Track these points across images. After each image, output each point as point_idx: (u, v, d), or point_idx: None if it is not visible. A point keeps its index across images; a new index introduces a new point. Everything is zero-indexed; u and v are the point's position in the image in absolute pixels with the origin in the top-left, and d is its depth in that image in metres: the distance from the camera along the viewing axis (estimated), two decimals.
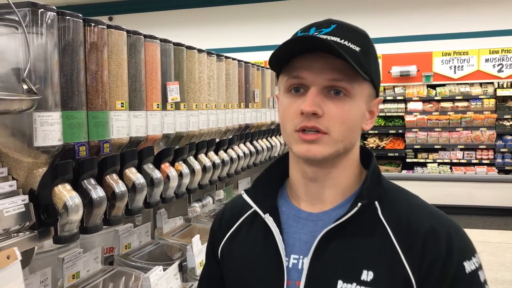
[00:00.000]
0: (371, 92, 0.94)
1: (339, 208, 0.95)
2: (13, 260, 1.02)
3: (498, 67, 7.36)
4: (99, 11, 9.00)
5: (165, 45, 1.69)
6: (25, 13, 1.11)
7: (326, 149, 0.89)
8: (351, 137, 0.92)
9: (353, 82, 0.88)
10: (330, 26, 0.91)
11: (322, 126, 0.88)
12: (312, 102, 0.87)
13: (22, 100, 1.03)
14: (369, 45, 0.93)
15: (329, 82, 0.88)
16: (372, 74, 0.91)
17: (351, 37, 0.90)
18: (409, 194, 0.99)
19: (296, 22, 8.01)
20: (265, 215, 0.97)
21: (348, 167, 0.96)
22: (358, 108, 0.91)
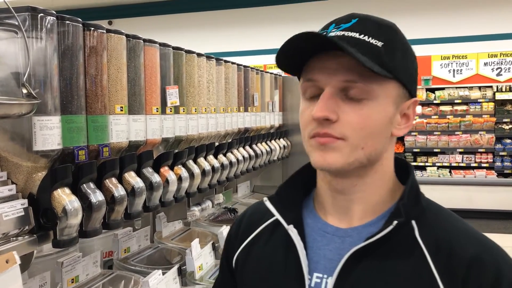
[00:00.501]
0: (400, 92, 0.82)
1: (370, 225, 0.85)
2: (12, 264, 1.02)
3: (496, 70, 7.38)
4: (98, 15, 9.02)
5: (164, 49, 1.70)
6: (25, 17, 1.11)
7: (343, 157, 0.80)
8: (375, 144, 0.81)
9: (371, 82, 0.78)
10: (350, 20, 0.82)
11: (336, 133, 0.79)
12: (324, 106, 0.78)
13: (22, 105, 1.03)
14: (396, 38, 0.82)
15: (344, 84, 0.79)
16: (398, 71, 0.80)
17: (373, 31, 0.80)
18: (453, 216, 0.88)
19: (296, 26, 8.04)
20: (288, 226, 0.88)
21: (377, 180, 0.86)
22: (382, 111, 0.80)
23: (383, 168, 0.86)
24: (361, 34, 0.80)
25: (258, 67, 3.03)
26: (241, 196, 3.29)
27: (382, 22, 0.83)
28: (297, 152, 3.33)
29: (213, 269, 1.92)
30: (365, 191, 0.86)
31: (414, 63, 0.85)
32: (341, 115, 0.79)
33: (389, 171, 0.88)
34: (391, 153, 0.88)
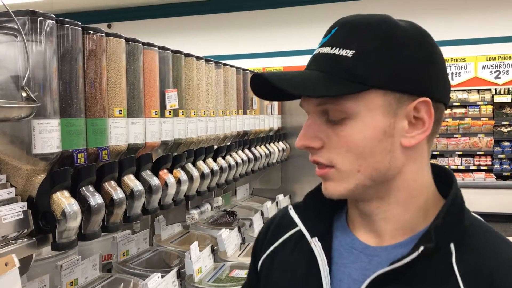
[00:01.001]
0: (391, 99, 0.72)
1: (401, 246, 0.76)
2: (11, 267, 1.02)
3: (495, 73, 7.40)
4: (98, 19, 9.04)
5: (163, 52, 1.70)
6: (24, 21, 1.12)
7: (341, 185, 0.75)
8: (373, 164, 0.73)
9: (342, 100, 0.71)
10: (330, 31, 0.76)
11: (323, 159, 0.75)
12: (303, 135, 0.75)
13: (21, 108, 1.03)
14: (373, 38, 0.72)
15: (319, 108, 0.74)
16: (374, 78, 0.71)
17: (345, 40, 0.73)
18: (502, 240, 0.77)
19: (294, 29, 8.01)
20: (312, 239, 0.82)
21: (403, 198, 0.76)
22: (366, 127, 0.72)
23: (407, 183, 0.76)
24: (333, 47, 0.73)
25: (258, 70, 3.03)
26: (240, 199, 3.30)
27: (361, 22, 0.74)
28: (296, 155, 3.34)
29: (212, 272, 1.92)
30: (391, 210, 0.77)
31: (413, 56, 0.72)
32: (325, 140, 0.74)
33: (417, 186, 0.77)
34: (417, 165, 0.76)
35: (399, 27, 0.73)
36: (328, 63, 0.73)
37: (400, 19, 0.77)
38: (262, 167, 2.78)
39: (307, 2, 8.33)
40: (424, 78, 0.73)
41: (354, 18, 0.76)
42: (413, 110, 0.73)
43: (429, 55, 0.74)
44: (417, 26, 0.76)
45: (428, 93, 0.73)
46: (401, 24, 0.74)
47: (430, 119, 0.73)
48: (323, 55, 0.74)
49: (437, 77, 0.74)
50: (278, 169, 3.39)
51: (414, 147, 0.74)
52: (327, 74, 0.72)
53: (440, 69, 0.75)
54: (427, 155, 0.78)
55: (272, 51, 8.48)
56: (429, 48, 0.74)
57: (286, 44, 8.36)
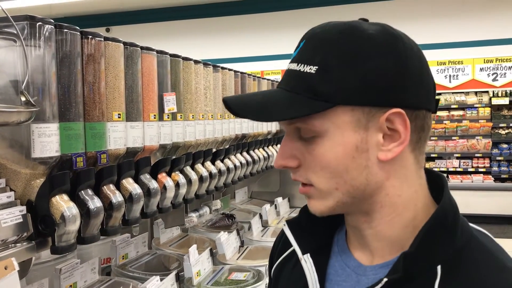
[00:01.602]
0: (359, 113, 0.68)
1: (388, 266, 0.73)
2: (11, 271, 1.03)
3: (492, 76, 7.42)
4: (96, 23, 9.05)
5: (161, 56, 1.71)
6: (23, 26, 1.13)
7: (322, 203, 0.74)
8: (350, 180, 0.70)
9: (308, 119, 0.69)
10: (299, 45, 0.74)
11: (302, 178, 0.74)
12: (279, 155, 0.74)
13: (21, 112, 1.04)
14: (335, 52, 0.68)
15: (291, 127, 0.73)
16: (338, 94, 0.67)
17: (309, 54, 0.70)
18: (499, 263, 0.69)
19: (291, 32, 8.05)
20: (303, 256, 0.80)
21: (387, 215, 0.73)
22: (337, 144, 0.69)
23: (391, 199, 0.72)
24: (299, 63, 0.71)
25: (255, 74, 3.04)
26: (238, 202, 3.30)
27: (326, 34, 0.71)
28: None
29: (210, 275, 1.93)
30: (376, 227, 0.74)
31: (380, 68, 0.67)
32: (301, 158, 0.73)
33: (403, 201, 0.73)
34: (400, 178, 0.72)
35: (365, 37, 0.69)
36: (294, 80, 0.71)
37: (373, 22, 0.73)
38: (260, 170, 2.79)
39: (305, 5, 8.36)
40: (394, 87, 0.68)
41: (319, 29, 0.73)
42: (386, 122, 0.68)
43: (400, 62, 0.68)
44: (388, 30, 0.71)
45: (401, 102, 0.68)
46: (370, 32, 0.69)
47: (405, 130, 0.69)
48: (290, 72, 0.73)
49: (412, 83, 0.69)
50: (277, 172, 3.40)
51: (394, 160, 0.70)
52: (293, 93, 0.70)
53: (415, 74, 0.70)
54: (413, 166, 0.73)
55: (270, 54, 8.50)
56: (400, 54, 0.69)
57: (285, 48, 8.37)
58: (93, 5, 8.57)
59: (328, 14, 8.08)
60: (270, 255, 0.99)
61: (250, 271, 1.96)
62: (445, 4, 7.81)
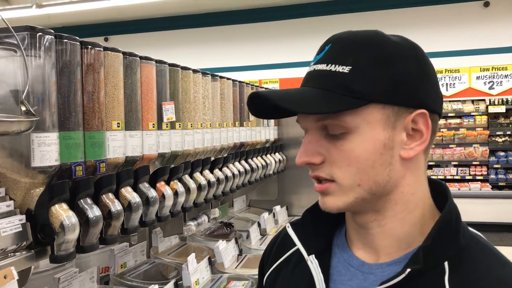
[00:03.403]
0: (389, 112, 0.73)
1: (396, 264, 0.76)
2: (10, 280, 1.03)
3: (489, 84, 7.46)
4: (95, 32, 9.07)
5: (160, 66, 1.72)
6: (24, 36, 1.14)
7: (341, 199, 0.75)
8: (373, 177, 0.73)
9: (341, 115, 0.72)
10: (323, 48, 0.77)
11: (325, 174, 0.75)
12: (303, 152, 0.76)
13: (21, 122, 1.05)
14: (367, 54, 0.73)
15: (318, 124, 0.75)
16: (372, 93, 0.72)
17: (339, 56, 0.74)
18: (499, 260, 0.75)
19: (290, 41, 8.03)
20: (308, 257, 0.82)
21: (400, 212, 0.76)
22: (366, 141, 0.72)
23: (405, 197, 0.76)
24: (328, 63, 0.74)
25: (253, 82, 3.06)
26: (237, 211, 3.30)
27: (355, 38, 0.75)
28: (293, 166, 3.35)
29: (209, 284, 1.93)
30: (386, 225, 0.77)
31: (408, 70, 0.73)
32: (326, 155, 0.75)
33: (415, 199, 0.77)
34: (415, 177, 0.77)
35: (391, 42, 0.75)
36: (325, 79, 0.73)
37: (391, 34, 0.78)
38: (258, 179, 2.79)
39: (302, 15, 8.40)
40: (419, 90, 0.74)
41: (346, 34, 0.77)
42: (411, 122, 0.74)
43: (423, 68, 0.75)
44: (408, 40, 0.78)
45: (424, 105, 0.74)
46: (393, 39, 0.76)
47: (427, 130, 0.74)
48: (318, 72, 0.75)
49: (431, 88, 0.76)
50: (275, 180, 3.40)
51: (412, 159, 0.75)
52: (325, 90, 0.72)
53: (433, 81, 0.77)
54: (424, 166, 0.79)
55: (268, 63, 8.53)
56: (422, 61, 0.76)
57: (282, 57, 8.42)
58: (91, 15, 8.60)
59: (326, 23, 8.13)
60: (260, 265, 1.00)
61: (248, 279, 1.96)
62: (442, 13, 7.87)
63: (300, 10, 8.39)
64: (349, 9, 8.07)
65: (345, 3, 8.13)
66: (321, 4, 8.27)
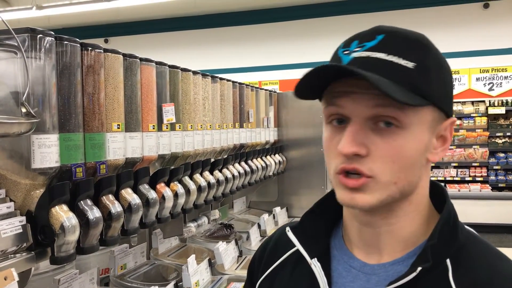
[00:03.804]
0: (436, 116, 0.73)
1: (399, 263, 0.76)
2: (10, 281, 1.03)
3: (488, 85, 7.47)
4: (95, 34, 9.09)
5: (160, 67, 1.73)
6: (24, 38, 1.14)
7: (374, 196, 0.72)
8: (409, 177, 0.72)
9: (404, 109, 0.69)
10: (375, 37, 0.72)
11: (365, 169, 0.71)
12: (353, 140, 0.70)
13: (21, 124, 1.05)
14: (429, 55, 0.73)
15: (373, 111, 0.70)
16: (433, 95, 0.71)
17: (402, 49, 0.71)
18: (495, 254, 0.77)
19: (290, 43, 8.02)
20: (311, 260, 0.81)
21: (411, 212, 0.76)
22: (415, 140, 0.71)
23: (418, 198, 0.77)
24: (389, 54, 0.70)
25: (253, 84, 3.06)
26: (237, 212, 3.30)
27: (412, 36, 0.74)
28: (292, 167, 3.35)
29: (209, 285, 1.93)
30: (396, 224, 0.76)
31: (449, 80, 0.76)
32: (371, 147, 0.70)
33: (424, 200, 0.78)
34: (427, 179, 0.78)
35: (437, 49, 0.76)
36: (388, 69, 0.69)
37: None
38: (258, 180, 2.79)
39: (302, 17, 8.41)
40: (452, 99, 0.78)
41: (399, 29, 0.75)
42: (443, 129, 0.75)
43: (452, 79, 0.79)
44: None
45: (452, 113, 0.77)
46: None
47: (450, 137, 0.77)
48: (378, 60, 0.70)
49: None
50: (275, 181, 3.40)
51: (428, 164, 0.76)
52: (392, 81, 0.68)
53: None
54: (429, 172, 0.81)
55: (268, 64, 8.54)
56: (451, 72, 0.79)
57: (282, 58, 8.43)
58: (91, 16, 8.61)
59: (325, 25, 8.14)
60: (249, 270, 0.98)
61: None
62: (441, 14, 7.88)
63: (300, 12, 8.40)
64: (348, 11, 8.08)
65: (344, 5, 8.14)
66: (320, 6, 8.28)
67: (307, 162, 3.32)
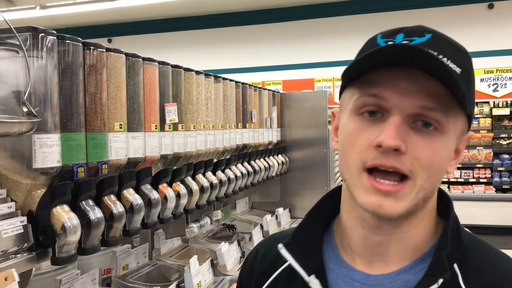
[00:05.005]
0: (465, 127, 0.72)
1: (406, 271, 0.73)
2: (11, 282, 1.02)
3: (493, 86, 7.43)
4: (98, 34, 9.10)
5: (163, 67, 1.72)
6: (26, 37, 1.13)
7: (405, 204, 0.67)
8: (434, 183, 0.70)
9: (448, 113, 0.67)
10: (424, 35, 0.69)
11: (404, 168, 0.66)
12: (397, 133, 0.65)
13: (22, 123, 1.04)
14: (470, 66, 0.71)
15: (419, 110, 0.66)
16: (471, 105, 0.69)
17: (450, 53, 0.68)
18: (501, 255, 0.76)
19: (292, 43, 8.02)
20: (309, 278, 0.75)
21: (424, 219, 0.74)
22: (448, 147, 0.69)
23: (431, 205, 0.75)
24: (440, 54, 0.67)
25: (256, 84, 3.05)
26: (239, 213, 3.29)
27: (456, 43, 0.72)
28: (296, 168, 3.34)
29: (211, 286, 1.92)
30: (408, 232, 0.73)
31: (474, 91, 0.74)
32: (410, 146, 0.66)
33: (434, 209, 0.77)
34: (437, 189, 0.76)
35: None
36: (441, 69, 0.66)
37: None
38: (261, 180, 2.78)
39: (305, 17, 8.40)
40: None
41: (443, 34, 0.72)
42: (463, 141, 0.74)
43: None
44: None
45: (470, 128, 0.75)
46: None
47: (463, 151, 0.75)
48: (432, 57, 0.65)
49: None
50: (278, 182, 3.39)
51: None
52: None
53: None
54: None
55: (271, 65, 8.53)
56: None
57: (285, 58, 8.42)
58: (95, 16, 8.63)
59: (327, 25, 8.13)
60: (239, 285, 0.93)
61: None
62: (445, 15, 7.85)
63: (303, 12, 8.39)
64: (352, 11, 8.06)
65: (348, 6, 8.12)
66: (324, 6, 8.26)
67: (310, 163, 3.31)
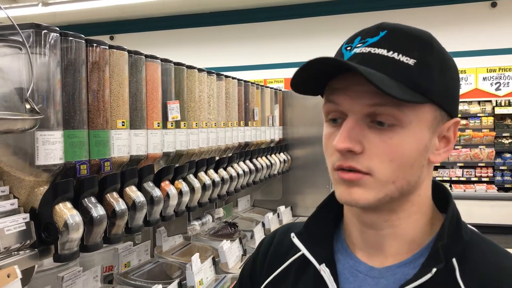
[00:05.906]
0: (437, 115, 0.72)
1: (406, 265, 0.76)
2: (13, 279, 1.02)
3: (495, 85, 7.41)
4: (100, 31, 9.09)
5: (165, 64, 1.72)
6: (29, 34, 1.13)
7: (371, 193, 0.71)
8: (408, 177, 0.71)
9: (402, 106, 0.68)
10: (378, 33, 0.72)
11: (362, 166, 0.70)
12: (346, 136, 0.69)
13: (25, 120, 1.04)
14: (431, 52, 0.72)
15: (371, 109, 0.69)
16: (434, 93, 0.70)
17: (403, 46, 0.70)
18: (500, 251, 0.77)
19: (294, 41, 8.02)
20: (320, 266, 0.79)
21: (414, 213, 0.76)
22: (415, 138, 0.70)
23: (421, 199, 0.76)
24: (390, 50, 0.70)
25: (258, 82, 3.05)
26: (241, 211, 3.29)
27: (415, 33, 0.73)
28: (297, 166, 3.34)
29: (213, 284, 1.92)
30: (399, 226, 0.76)
31: (454, 79, 0.75)
32: (367, 145, 0.70)
33: (427, 201, 0.78)
34: (429, 180, 0.77)
35: (443, 48, 0.75)
36: (389, 66, 0.69)
37: None
38: (263, 179, 2.78)
39: (308, 15, 8.39)
40: (457, 99, 0.76)
41: (402, 26, 0.74)
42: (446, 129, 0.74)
43: (459, 78, 0.77)
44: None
45: (456, 113, 0.76)
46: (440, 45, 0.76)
47: (454, 138, 0.75)
48: (379, 57, 0.70)
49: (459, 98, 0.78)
50: (279, 180, 3.39)
51: (430, 165, 0.75)
52: (391, 78, 0.68)
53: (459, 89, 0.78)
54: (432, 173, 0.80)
55: (273, 62, 8.52)
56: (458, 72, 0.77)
57: (287, 56, 8.40)
58: (97, 13, 8.62)
59: (329, 23, 8.11)
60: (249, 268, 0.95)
61: None
62: (448, 13, 7.83)
63: (305, 9, 8.37)
64: (354, 9, 8.04)
65: (350, 3, 8.10)
66: (326, 4, 8.24)
67: (312, 161, 3.31)
